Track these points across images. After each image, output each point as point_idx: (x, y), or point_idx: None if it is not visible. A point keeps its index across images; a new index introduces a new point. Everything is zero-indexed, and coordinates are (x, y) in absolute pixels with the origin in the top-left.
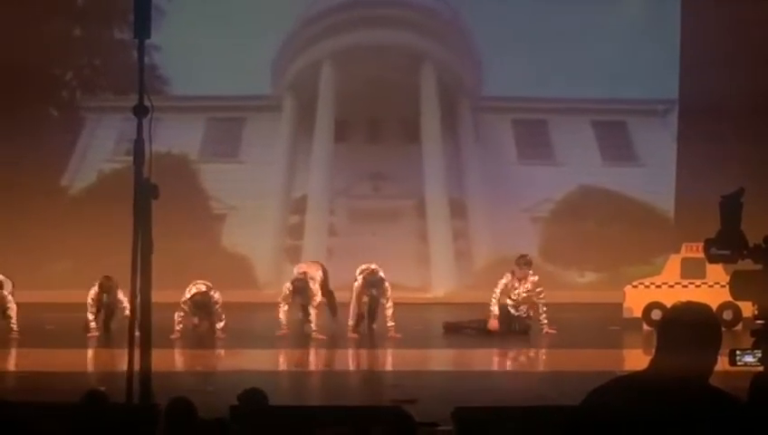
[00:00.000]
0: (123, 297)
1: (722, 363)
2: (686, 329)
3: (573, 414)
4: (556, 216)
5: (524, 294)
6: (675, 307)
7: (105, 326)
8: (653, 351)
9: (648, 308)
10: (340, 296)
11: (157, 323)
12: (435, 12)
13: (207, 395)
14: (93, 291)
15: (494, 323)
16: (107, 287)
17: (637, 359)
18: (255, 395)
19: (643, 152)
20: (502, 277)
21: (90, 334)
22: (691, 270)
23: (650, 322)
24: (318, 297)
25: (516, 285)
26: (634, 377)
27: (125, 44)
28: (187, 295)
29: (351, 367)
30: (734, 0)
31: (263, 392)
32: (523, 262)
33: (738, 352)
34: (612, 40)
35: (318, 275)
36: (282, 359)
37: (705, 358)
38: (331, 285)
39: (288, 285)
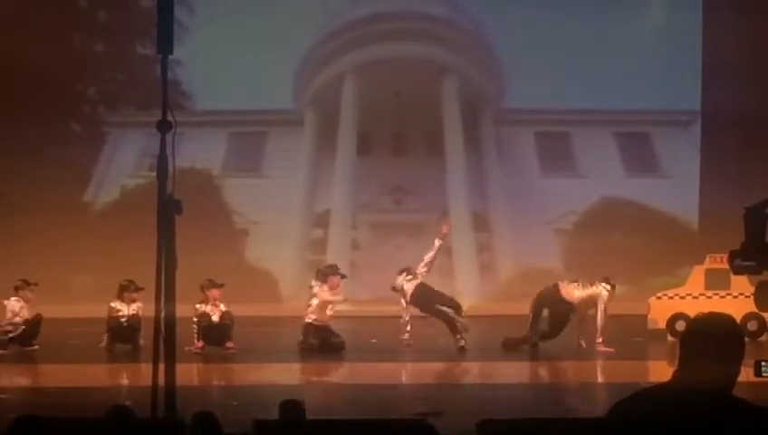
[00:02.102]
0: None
1: (746, 374)
2: (710, 340)
3: (599, 426)
4: (579, 228)
5: None
6: (698, 318)
7: (133, 345)
8: (677, 362)
9: (673, 319)
10: (364, 311)
11: (180, 337)
12: (456, 25)
13: (232, 409)
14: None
15: None
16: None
17: (661, 370)
18: (296, 407)
19: (666, 163)
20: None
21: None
22: (715, 281)
23: (675, 333)
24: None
25: None
26: (658, 388)
27: (148, 60)
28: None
29: (376, 380)
30: (756, 10)
31: (302, 405)
32: None
33: (763, 363)
34: (634, 51)
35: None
36: (306, 372)
37: (728, 369)
38: (355, 299)
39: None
